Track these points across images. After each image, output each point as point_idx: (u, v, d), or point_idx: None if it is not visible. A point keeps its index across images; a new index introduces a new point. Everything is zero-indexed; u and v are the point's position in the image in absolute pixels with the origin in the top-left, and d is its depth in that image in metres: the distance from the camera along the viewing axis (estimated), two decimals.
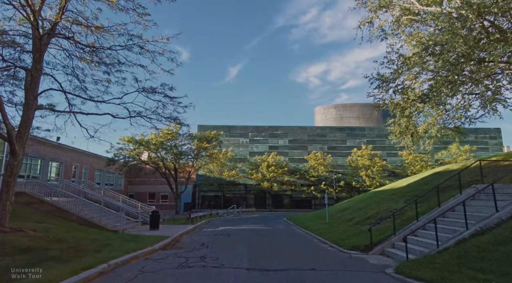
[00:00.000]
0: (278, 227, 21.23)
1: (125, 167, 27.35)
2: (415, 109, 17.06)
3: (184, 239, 15.19)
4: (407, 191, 18.53)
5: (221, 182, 48.62)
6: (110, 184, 45.91)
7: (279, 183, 48.88)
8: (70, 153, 34.36)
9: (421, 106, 16.01)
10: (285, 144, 56.00)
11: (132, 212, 20.42)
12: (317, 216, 25.54)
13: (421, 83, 15.80)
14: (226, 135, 55.49)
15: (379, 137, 57.56)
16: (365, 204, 20.53)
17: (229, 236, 16.13)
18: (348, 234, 13.96)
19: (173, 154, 26.86)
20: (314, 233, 16.44)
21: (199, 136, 29.32)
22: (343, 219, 18.79)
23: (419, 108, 16.80)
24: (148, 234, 16.35)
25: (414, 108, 17.00)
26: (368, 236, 11.62)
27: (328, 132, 56.68)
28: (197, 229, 20.35)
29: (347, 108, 67.32)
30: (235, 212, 40.44)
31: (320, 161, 50.85)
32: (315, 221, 21.88)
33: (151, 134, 26.61)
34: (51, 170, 31.22)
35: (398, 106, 17.19)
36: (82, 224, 15.25)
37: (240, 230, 19.33)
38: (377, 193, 23.38)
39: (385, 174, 50.83)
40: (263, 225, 23.20)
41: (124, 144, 26.55)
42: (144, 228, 18.96)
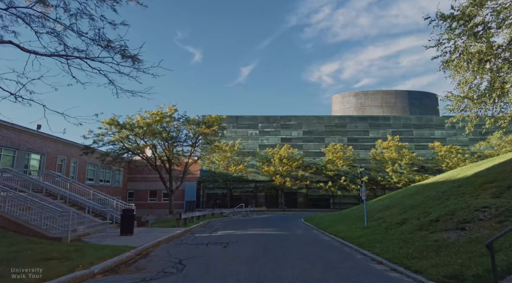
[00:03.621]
0: (296, 232, 15.88)
1: (107, 156, 22.57)
2: (504, 60, 11.36)
3: (156, 252, 10.11)
4: (483, 182, 12.84)
5: (228, 178, 43.47)
6: (106, 180, 41.58)
7: (293, 179, 43.24)
8: (55, 143, 29.94)
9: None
10: (299, 135, 50.23)
11: (103, 210, 15.53)
12: (344, 216, 20.02)
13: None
14: (234, 127, 50.29)
15: (405, 127, 51.08)
16: (416, 201, 14.94)
17: (225, 247, 10.93)
18: (416, 248, 8.49)
19: (162, 139, 21.94)
20: (352, 243, 11.03)
21: (197, 121, 24.30)
22: (389, 222, 13.28)
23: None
24: (110, 242, 11.37)
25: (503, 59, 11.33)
26: (463, 252, 6.37)
27: (348, 122, 50.52)
28: (187, 234, 15.26)
29: (368, 96, 60.53)
30: (243, 211, 35.27)
31: (339, 153, 44.89)
32: (345, 224, 16.41)
33: (137, 115, 21.84)
34: (29, 162, 26.87)
35: (476, 57, 11.46)
36: (7, 228, 10.35)
37: (244, 236, 14.10)
38: (427, 186, 17.67)
39: (414, 169, 44.45)
40: (276, 228, 17.90)
41: (106, 129, 21.81)
42: (114, 232, 14.02)
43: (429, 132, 51.16)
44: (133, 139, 22.41)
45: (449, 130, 51.02)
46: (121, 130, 20.92)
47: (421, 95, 62.27)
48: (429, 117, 52.52)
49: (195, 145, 24.57)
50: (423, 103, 61.03)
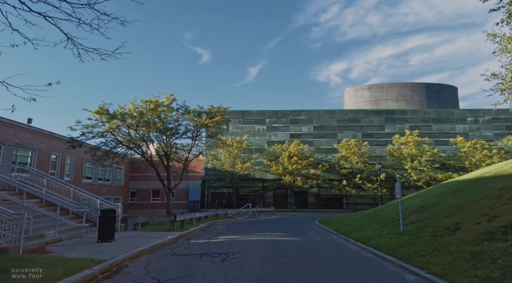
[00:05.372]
0: (312, 238, 13.11)
1: (98, 151, 20.18)
2: None
3: (131, 268, 7.53)
4: None
5: (234, 176, 40.81)
6: (106, 179, 39.48)
7: (304, 177, 40.26)
8: (48, 139, 27.87)
9: None
10: (310, 131, 47.16)
11: (80, 211, 13.07)
12: (367, 218, 17.15)
13: None
14: (240, 122, 47.59)
15: (424, 121, 47.54)
16: (463, 200, 12.03)
17: (224, 260, 8.28)
18: (507, 270, 5.66)
19: (158, 131, 19.46)
20: (392, 256, 8.25)
21: (198, 111, 21.77)
22: (433, 226, 10.43)
23: None
24: (77, 253, 8.88)
25: None
26: None
27: (362, 117, 47.18)
28: (181, 239, 12.67)
29: (383, 89, 56.79)
30: (250, 212, 32.61)
31: (354, 149, 41.71)
32: (372, 228, 13.58)
33: (130, 104, 19.39)
34: (18, 159, 24.77)
35: None
36: None
37: (250, 243, 11.43)
38: (470, 183, 14.64)
39: (436, 166, 40.96)
40: (287, 232, 15.17)
41: (97, 119, 19.45)
42: (93, 238, 11.52)
43: (449, 127, 47.51)
44: (126, 131, 20.00)
45: (472, 125, 47.29)
46: (112, 120, 18.49)
47: (440, 87, 58.36)
48: (450, 111, 48.84)
49: (196, 138, 22.01)
50: (442, 96, 57.16)
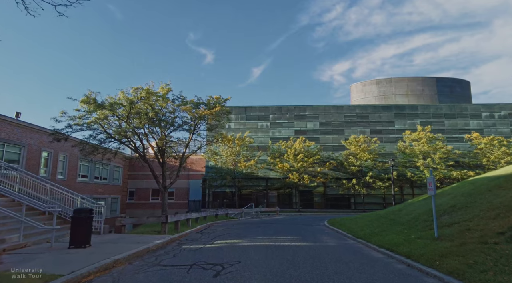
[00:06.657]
0: (326, 243, 11.12)
1: (86, 145, 18.40)
2: None
3: None
4: None
5: (236, 174, 38.90)
6: (103, 178, 37.78)
7: (310, 175, 38.25)
8: (38, 134, 26.20)
9: None
10: (315, 127, 45.07)
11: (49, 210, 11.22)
12: (385, 220, 15.11)
13: None
14: (242, 118, 45.64)
15: (435, 117, 45.22)
16: (508, 199, 9.98)
17: (217, 275, 6.36)
18: None
19: (151, 123, 17.60)
20: (437, 271, 6.29)
21: (195, 102, 19.91)
22: (479, 230, 8.43)
23: None
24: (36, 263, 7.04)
25: None
26: None
27: (370, 112, 44.98)
28: (171, 244, 10.77)
29: (392, 83, 54.40)
30: (253, 212, 30.72)
31: (363, 146, 39.57)
32: (394, 231, 11.58)
33: (120, 93, 17.57)
34: (4, 155, 23.10)
35: None
36: None
37: (252, 250, 9.49)
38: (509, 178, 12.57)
39: (450, 163, 38.66)
40: (295, 236, 13.20)
41: (85, 110, 17.68)
42: (64, 243, 9.68)
43: (463, 122, 45.16)
44: (117, 123, 18.20)
45: (487, 120, 44.90)
46: (100, 110, 16.69)
47: (452, 82, 55.86)
48: (463, 106, 46.46)
49: (193, 132, 20.13)
50: (454, 91, 54.69)
